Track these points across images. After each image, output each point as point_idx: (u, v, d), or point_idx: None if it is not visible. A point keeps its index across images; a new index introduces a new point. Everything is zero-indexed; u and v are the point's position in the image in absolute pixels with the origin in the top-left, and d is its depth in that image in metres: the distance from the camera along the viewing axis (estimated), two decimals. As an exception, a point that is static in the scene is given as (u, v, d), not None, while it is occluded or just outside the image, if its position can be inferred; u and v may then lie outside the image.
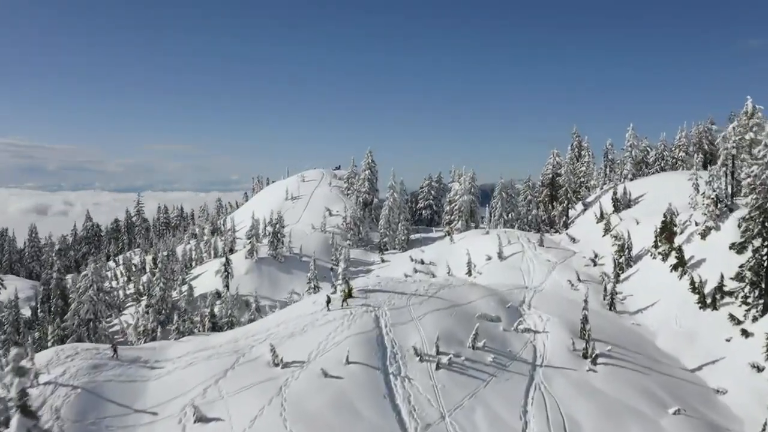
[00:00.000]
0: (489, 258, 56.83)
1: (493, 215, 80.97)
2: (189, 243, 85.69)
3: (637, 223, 54.21)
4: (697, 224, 47.07)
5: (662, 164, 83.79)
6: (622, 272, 49.20)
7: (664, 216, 47.88)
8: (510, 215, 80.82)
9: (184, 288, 66.74)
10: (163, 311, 64.83)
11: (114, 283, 79.79)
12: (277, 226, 66.66)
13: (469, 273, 56.19)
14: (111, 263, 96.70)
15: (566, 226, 68.53)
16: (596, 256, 53.43)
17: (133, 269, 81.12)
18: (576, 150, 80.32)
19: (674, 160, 79.65)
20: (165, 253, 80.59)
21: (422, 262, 63.81)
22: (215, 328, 46.20)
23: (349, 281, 35.68)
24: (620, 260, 49.46)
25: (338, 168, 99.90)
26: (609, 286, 45.79)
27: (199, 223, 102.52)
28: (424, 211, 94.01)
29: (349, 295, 34.84)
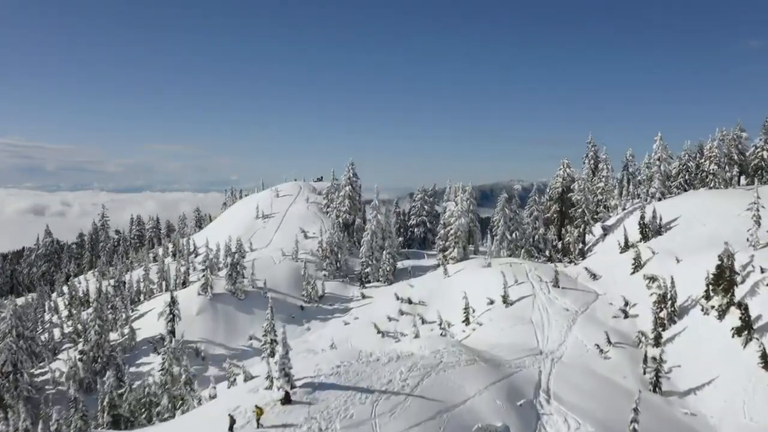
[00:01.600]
0: (491, 302, 45.79)
1: (495, 234, 70.17)
2: (148, 267, 74.35)
3: (678, 261, 43.07)
4: (762, 270, 36.13)
5: (687, 176, 72.85)
6: (664, 329, 38.11)
7: (720, 259, 36.69)
8: (514, 234, 69.81)
9: (127, 330, 55.87)
10: (100, 359, 54.15)
11: (55, 318, 68.66)
12: (237, 255, 55.53)
13: (467, 321, 45.19)
14: (66, 288, 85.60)
15: (583, 254, 57.42)
16: (627, 303, 42.27)
17: (77, 300, 69.89)
18: (592, 161, 69.15)
19: (704, 174, 68.55)
20: (111, 283, 69.91)
21: (410, 302, 52.71)
22: (118, 423, 35.02)
23: (290, 373, 24.58)
24: (660, 314, 38.39)
25: (320, 179, 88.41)
26: (651, 353, 34.84)
27: (165, 242, 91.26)
28: (416, 229, 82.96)
29: (286, 399, 23.74)
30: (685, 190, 70.84)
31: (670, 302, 38.19)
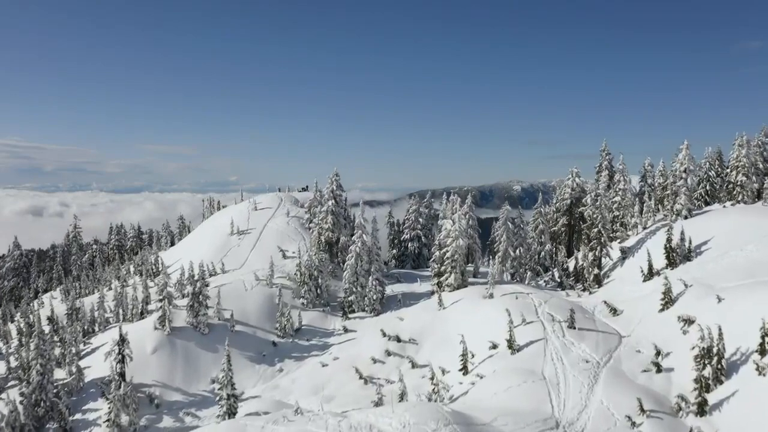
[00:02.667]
0: (494, 347, 38.39)
1: (497, 249, 63.15)
2: (104, 293, 66.17)
3: (719, 300, 35.66)
4: (836, 321, 28.79)
5: (709, 188, 65.60)
6: (707, 391, 30.72)
7: (780, 304, 29.41)
8: (518, 251, 62.65)
9: (74, 368, 48.46)
10: (42, 403, 46.71)
11: (4, 348, 61.12)
12: (199, 284, 48.13)
13: (464, 370, 37.83)
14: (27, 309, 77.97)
15: (599, 281, 50.04)
16: (659, 353, 34.74)
17: (28, 328, 62.24)
18: (606, 171, 61.77)
19: (730, 186, 61.23)
20: (66, 311, 62.38)
21: (398, 340, 45.25)
22: None
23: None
24: (704, 371, 30.99)
25: (305, 189, 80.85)
26: (695, 426, 27.55)
27: (135, 259, 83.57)
28: (410, 244, 75.54)
29: None
30: (706, 203, 63.74)
31: (716, 357, 30.80)
